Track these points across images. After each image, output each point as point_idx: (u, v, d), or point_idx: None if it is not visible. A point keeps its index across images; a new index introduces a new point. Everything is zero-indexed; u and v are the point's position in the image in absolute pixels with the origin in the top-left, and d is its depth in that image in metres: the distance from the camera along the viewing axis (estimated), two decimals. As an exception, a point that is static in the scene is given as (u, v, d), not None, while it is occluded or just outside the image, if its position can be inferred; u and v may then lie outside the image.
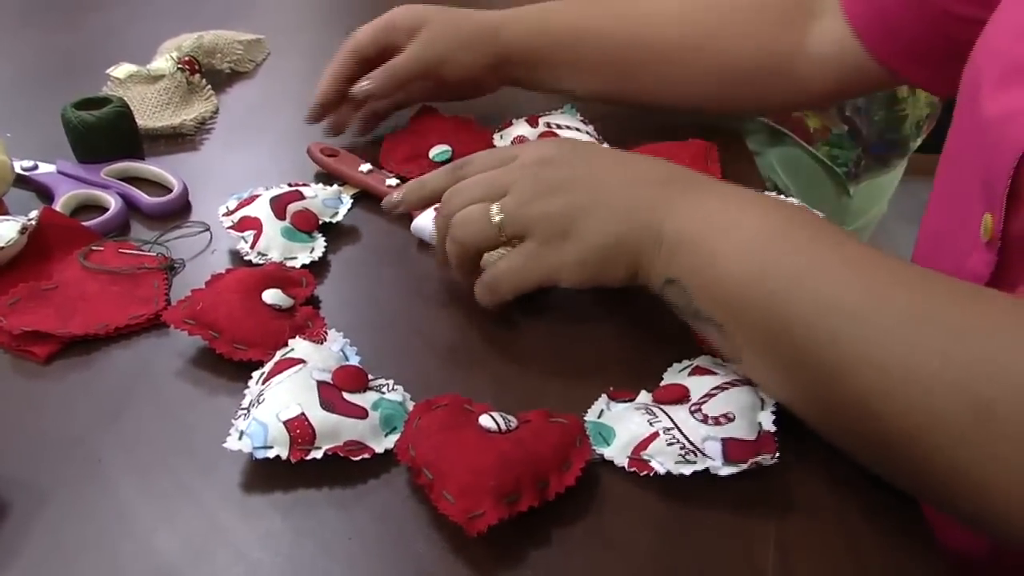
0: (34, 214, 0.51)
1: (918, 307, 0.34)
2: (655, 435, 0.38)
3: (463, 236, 0.45)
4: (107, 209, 0.56)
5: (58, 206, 0.55)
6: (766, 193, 0.48)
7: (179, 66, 0.70)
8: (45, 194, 0.59)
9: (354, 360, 0.44)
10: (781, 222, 0.40)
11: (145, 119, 0.66)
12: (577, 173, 0.45)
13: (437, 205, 0.55)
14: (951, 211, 0.50)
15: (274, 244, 0.52)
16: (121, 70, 0.69)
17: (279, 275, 0.49)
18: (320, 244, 0.53)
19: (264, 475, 0.38)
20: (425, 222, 0.54)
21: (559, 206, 0.43)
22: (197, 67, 0.72)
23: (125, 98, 0.64)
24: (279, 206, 0.53)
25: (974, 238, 0.45)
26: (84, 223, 0.54)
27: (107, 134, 0.60)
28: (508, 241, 0.45)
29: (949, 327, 0.33)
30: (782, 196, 0.55)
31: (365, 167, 0.60)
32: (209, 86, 0.72)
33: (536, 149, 0.47)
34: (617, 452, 0.39)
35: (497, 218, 0.44)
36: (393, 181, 0.59)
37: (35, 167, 0.60)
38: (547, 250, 0.43)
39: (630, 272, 0.43)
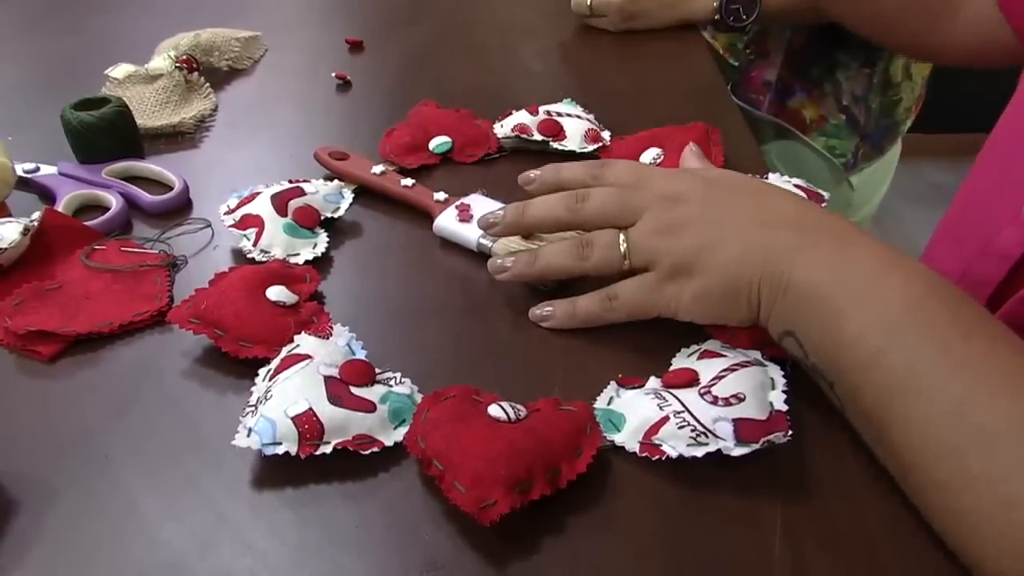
0: (36, 215, 0.51)
1: None
2: (665, 419, 0.37)
3: (591, 257, 0.45)
4: (108, 208, 0.56)
5: (60, 207, 0.55)
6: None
7: (177, 65, 0.70)
8: (47, 195, 0.58)
9: (360, 354, 0.44)
10: (927, 301, 0.37)
11: (144, 118, 0.66)
12: (708, 212, 0.43)
13: (458, 203, 0.55)
14: (995, 178, 0.48)
15: (276, 241, 0.52)
16: (119, 70, 0.69)
17: (283, 272, 0.48)
18: (323, 240, 0.53)
19: (271, 469, 0.38)
20: (446, 222, 0.54)
21: (685, 242, 0.42)
22: (195, 65, 0.72)
23: (124, 98, 0.64)
24: (280, 203, 0.53)
25: (1014, 211, 0.43)
26: (86, 223, 0.53)
27: (107, 134, 0.60)
28: (630, 270, 0.44)
29: None
30: (784, 177, 0.55)
31: (378, 168, 0.59)
32: (208, 84, 0.72)
33: (674, 181, 0.46)
34: (628, 438, 0.38)
35: (623, 247, 0.44)
36: (409, 181, 0.58)
37: (36, 169, 0.60)
38: (668, 284, 0.43)
39: (752, 314, 0.41)
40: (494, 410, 0.38)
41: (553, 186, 0.49)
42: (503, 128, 0.64)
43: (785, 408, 0.38)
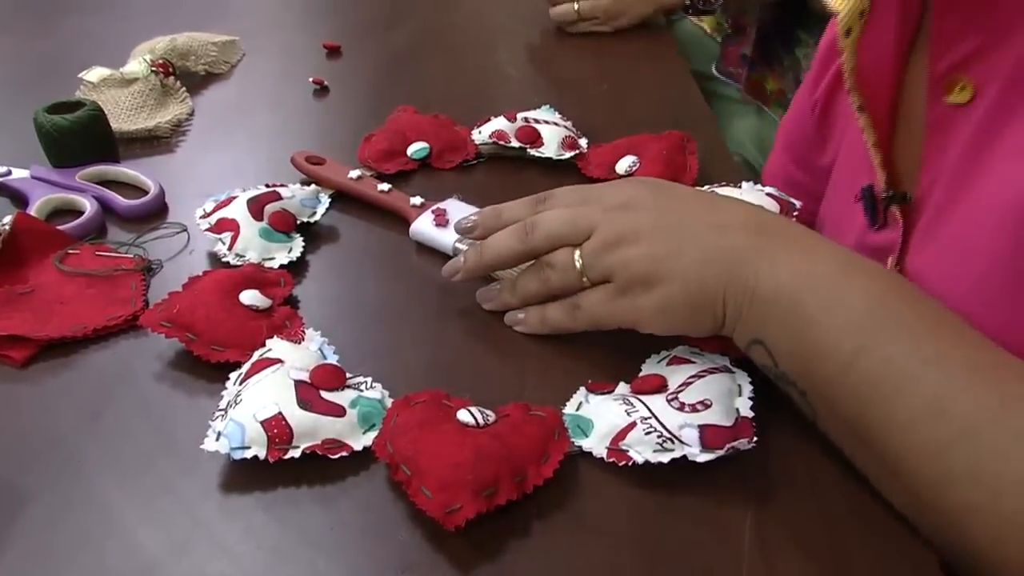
0: (8, 219, 0.51)
1: None
2: (633, 425, 0.38)
3: (552, 279, 0.45)
4: (82, 213, 0.55)
5: (33, 211, 0.55)
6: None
7: (153, 69, 0.70)
8: (19, 199, 0.58)
9: (332, 359, 0.44)
10: (888, 298, 0.37)
11: (119, 122, 0.66)
12: (660, 218, 0.42)
13: (435, 208, 0.55)
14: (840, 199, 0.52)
15: (252, 245, 0.52)
16: (94, 73, 0.69)
17: (257, 276, 0.49)
18: (298, 244, 0.53)
19: (246, 472, 0.38)
20: (423, 226, 0.54)
21: (640, 253, 0.41)
22: (171, 69, 0.72)
23: (99, 102, 0.64)
24: (256, 207, 0.53)
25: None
26: (59, 227, 0.53)
27: (81, 138, 0.60)
28: (591, 285, 0.44)
29: None
30: (757, 186, 0.56)
31: (355, 173, 0.59)
32: (184, 88, 0.72)
33: (620, 191, 0.45)
34: (596, 443, 0.39)
35: (578, 264, 0.43)
36: (385, 186, 0.58)
37: (8, 173, 0.59)
38: (626, 298, 0.42)
39: (716, 325, 0.41)
40: (463, 415, 0.38)
41: (496, 228, 0.48)
42: (481, 134, 0.65)
43: (751, 415, 0.39)
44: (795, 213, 0.53)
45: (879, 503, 0.37)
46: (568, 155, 0.63)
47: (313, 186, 0.59)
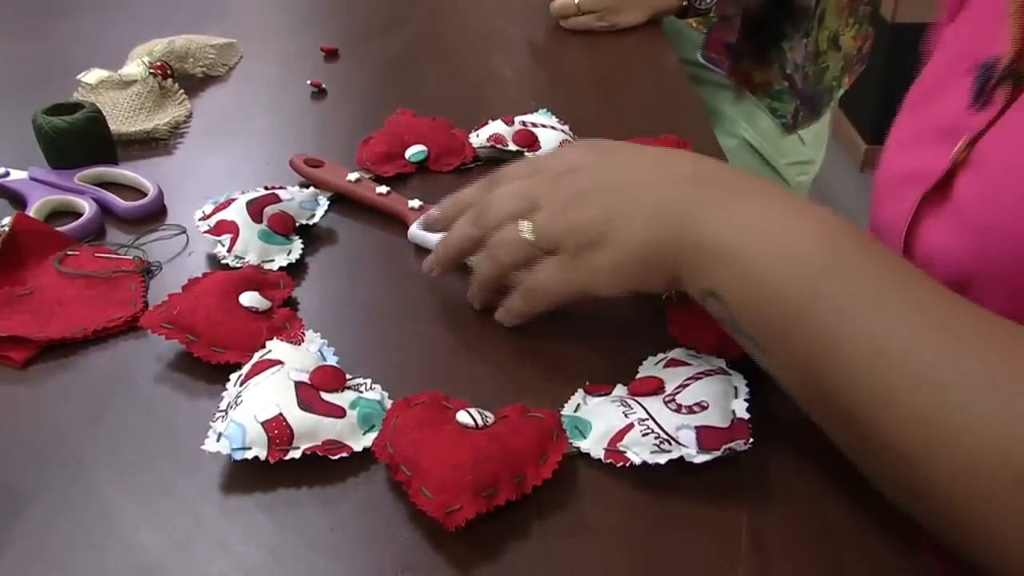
0: (7, 220, 0.51)
1: (995, 369, 0.32)
2: (630, 426, 0.38)
3: (501, 257, 0.45)
4: (81, 214, 0.56)
5: (31, 212, 0.55)
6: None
7: (151, 71, 0.70)
8: (18, 201, 0.58)
9: (332, 360, 0.44)
10: (836, 241, 0.37)
11: (118, 124, 0.66)
12: (606, 178, 0.42)
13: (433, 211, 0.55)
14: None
15: (251, 247, 0.52)
16: (92, 75, 0.69)
17: (256, 278, 0.49)
18: (297, 246, 0.54)
19: (247, 473, 0.39)
20: (421, 229, 0.54)
21: (589, 215, 0.41)
22: (169, 72, 0.72)
23: (97, 104, 0.64)
24: (255, 209, 0.53)
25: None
26: (58, 228, 0.53)
27: (80, 139, 0.60)
28: (544, 255, 0.43)
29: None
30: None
31: (353, 176, 0.60)
32: (182, 90, 0.72)
33: (566, 156, 0.45)
34: (593, 444, 0.39)
35: (530, 235, 0.43)
36: (384, 189, 0.59)
37: (7, 174, 0.60)
38: (579, 262, 0.42)
39: (671, 278, 0.40)
40: (462, 416, 0.38)
41: (456, 218, 0.48)
42: (479, 138, 0.65)
43: (747, 416, 0.39)
44: None
45: (875, 507, 0.38)
46: (565, 158, 0.63)
47: (312, 188, 0.59)
